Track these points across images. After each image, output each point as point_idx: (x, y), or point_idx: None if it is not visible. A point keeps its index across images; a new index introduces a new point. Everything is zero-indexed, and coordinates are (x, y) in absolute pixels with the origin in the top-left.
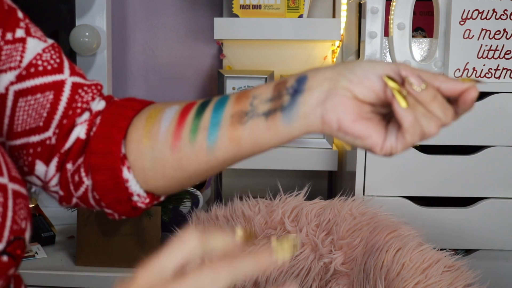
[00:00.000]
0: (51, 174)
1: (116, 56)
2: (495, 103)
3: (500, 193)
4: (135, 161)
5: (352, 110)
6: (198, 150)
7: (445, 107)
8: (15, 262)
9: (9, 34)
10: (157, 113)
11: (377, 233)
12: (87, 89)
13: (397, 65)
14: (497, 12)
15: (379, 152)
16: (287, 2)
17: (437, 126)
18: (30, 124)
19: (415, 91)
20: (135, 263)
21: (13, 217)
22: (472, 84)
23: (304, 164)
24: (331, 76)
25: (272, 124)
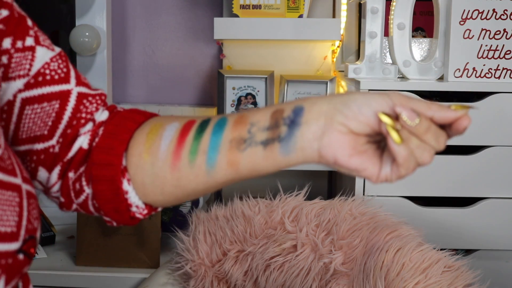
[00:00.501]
0: (53, 181)
1: (116, 56)
2: (495, 103)
3: (500, 193)
4: (135, 175)
5: (348, 146)
6: (197, 172)
7: (438, 135)
8: (29, 260)
9: (20, 42)
10: (158, 129)
11: (377, 233)
12: (91, 99)
13: (390, 97)
14: (497, 12)
15: (375, 181)
16: (287, 2)
17: (431, 155)
18: (35, 132)
19: (409, 126)
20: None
21: (28, 216)
22: (465, 112)
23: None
24: (327, 110)
25: (270, 154)
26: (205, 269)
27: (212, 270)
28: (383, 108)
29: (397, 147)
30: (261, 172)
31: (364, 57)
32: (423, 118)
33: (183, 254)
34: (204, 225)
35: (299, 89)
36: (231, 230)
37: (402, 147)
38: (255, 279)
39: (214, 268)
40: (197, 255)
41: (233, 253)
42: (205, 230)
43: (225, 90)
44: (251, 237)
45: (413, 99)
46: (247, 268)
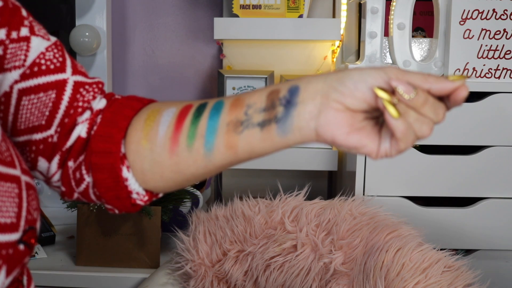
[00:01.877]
0: (53, 170)
1: (116, 56)
2: (495, 103)
3: (500, 193)
4: (134, 161)
5: (345, 123)
6: (196, 156)
7: (436, 107)
8: (30, 251)
9: (14, 32)
10: (155, 115)
11: (377, 233)
12: (88, 87)
13: (386, 71)
14: (497, 12)
15: (375, 158)
16: (287, 2)
17: (430, 127)
18: (33, 122)
19: (405, 99)
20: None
21: (27, 207)
22: (462, 82)
23: (304, 164)
24: (323, 88)
25: (267, 135)
26: (205, 269)
27: (212, 270)
28: (379, 83)
29: (395, 121)
30: (259, 154)
31: (364, 57)
32: (420, 91)
33: (183, 254)
34: (204, 225)
35: None
36: (231, 230)
37: (400, 121)
38: (255, 279)
39: (214, 268)
40: (197, 255)
41: (233, 253)
42: (205, 230)
43: (225, 90)
44: (251, 237)
45: (409, 72)
46: (247, 268)
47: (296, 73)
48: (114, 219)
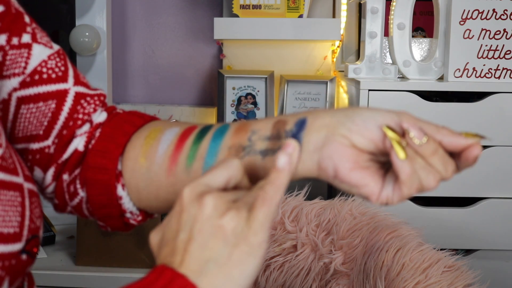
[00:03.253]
0: (48, 182)
1: (116, 56)
2: (495, 103)
3: (500, 193)
4: (130, 179)
5: (349, 158)
6: (193, 177)
7: (446, 161)
8: (32, 260)
9: (15, 38)
10: (157, 133)
11: (377, 233)
12: (89, 99)
13: (399, 115)
14: (497, 12)
15: (375, 201)
16: (287, 2)
17: (436, 180)
18: (31, 131)
19: (415, 144)
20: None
21: (30, 216)
22: (476, 140)
23: None
24: (330, 123)
25: (269, 165)
26: None
27: None
28: (389, 123)
29: (401, 162)
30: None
31: (364, 57)
32: (430, 140)
33: None
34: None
35: (299, 89)
36: None
37: (406, 163)
38: (255, 279)
39: None
40: None
41: None
42: None
43: (225, 90)
44: None
45: (423, 120)
46: None
47: (296, 73)
48: None
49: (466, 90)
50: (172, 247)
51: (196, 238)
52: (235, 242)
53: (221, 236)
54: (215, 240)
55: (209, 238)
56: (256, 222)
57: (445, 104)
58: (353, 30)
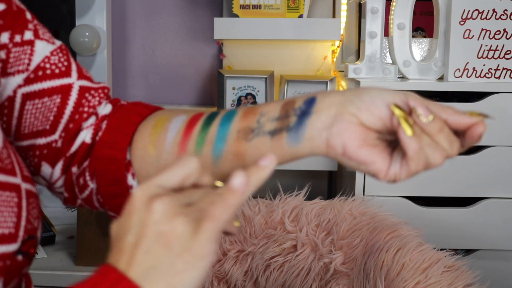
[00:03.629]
0: (56, 176)
1: (116, 56)
2: (495, 103)
3: (500, 193)
4: (139, 168)
5: (358, 136)
6: (203, 163)
7: (451, 139)
8: (29, 261)
9: (18, 36)
10: (164, 122)
11: (377, 233)
12: (94, 92)
13: (406, 94)
14: (497, 12)
15: (383, 178)
16: (287, 2)
17: (442, 157)
18: (37, 127)
19: (422, 122)
20: None
21: (27, 216)
22: (481, 119)
23: (304, 164)
24: (339, 101)
25: (277, 144)
26: None
27: (212, 270)
28: (397, 101)
29: (408, 139)
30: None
31: (364, 57)
32: (437, 118)
33: None
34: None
35: (299, 89)
36: None
37: (413, 140)
38: (255, 279)
39: (214, 268)
40: None
41: (233, 253)
42: None
43: (225, 90)
44: (251, 237)
45: (429, 101)
46: (247, 268)
47: (296, 73)
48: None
49: (466, 90)
50: (120, 246)
51: (142, 243)
52: (179, 252)
53: (165, 243)
54: (159, 247)
55: (154, 245)
56: (202, 235)
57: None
58: (353, 30)
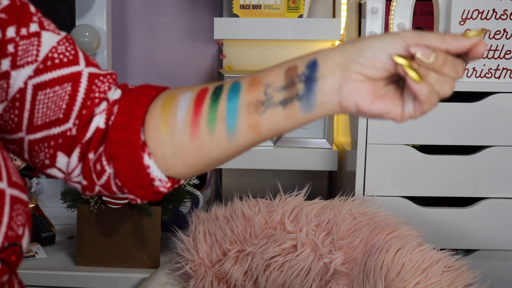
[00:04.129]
0: (74, 164)
1: (116, 56)
2: (495, 103)
3: (500, 193)
4: (155, 148)
5: (368, 92)
6: (218, 140)
7: (456, 65)
8: (9, 269)
9: (24, 29)
10: (172, 100)
11: (377, 233)
12: (103, 78)
13: (402, 37)
14: (497, 12)
15: (400, 121)
16: (287, 2)
17: (452, 85)
18: (50, 117)
19: (426, 63)
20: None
21: (9, 223)
22: (479, 38)
23: (304, 164)
24: (342, 61)
25: (291, 113)
26: (205, 269)
27: (212, 270)
28: (397, 50)
29: (417, 85)
30: (283, 131)
31: None
32: (438, 53)
33: (183, 254)
34: (204, 225)
35: None
36: (231, 230)
37: (422, 85)
38: (255, 279)
39: (214, 268)
40: (197, 255)
41: (233, 253)
42: (205, 230)
43: None
44: (251, 237)
45: (426, 34)
46: (247, 268)
47: None
48: (114, 219)
49: (466, 90)
50: None
51: None
52: None
53: None
54: None
55: None
56: None
57: (445, 104)
58: (353, 30)
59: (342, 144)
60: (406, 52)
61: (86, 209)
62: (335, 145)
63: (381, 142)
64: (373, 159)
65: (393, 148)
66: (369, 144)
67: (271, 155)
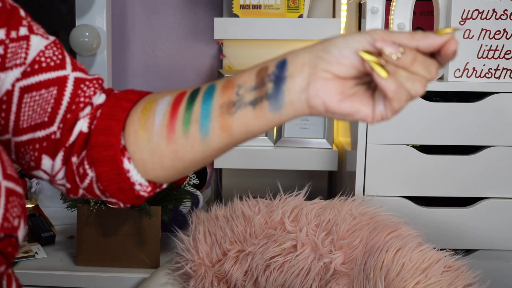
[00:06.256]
0: (57, 167)
1: (116, 56)
2: (495, 103)
3: (500, 193)
4: (134, 152)
5: (336, 91)
6: (193, 142)
7: (427, 64)
8: (6, 260)
9: (14, 32)
10: (151, 105)
11: (377, 233)
12: (89, 83)
13: (370, 34)
14: (497, 12)
15: (371, 122)
16: (287, 2)
17: (423, 85)
18: (35, 120)
19: (393, 60)
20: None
21: (4, 214)
22: (450, 35)
23: (304, 164)
24: (309, 59)
25: (260, 113)
26: (205, 269)
27: (212, 270)
28: (364, 46)
29: (384, 81)
30: (255, 132)
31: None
32: (407, 50)
33: (183, 254)
34: (204, 225)
35: None
36: (231, 230)
37: (389, 80)
38: (255, 279)
39: (214, 268)
40: (197, 255)
41: (233, 253)
42: (205, 230)
43: None
44: (251, 237)
45: (395, 32)
46: (247, 268)
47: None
48: (114, 219)
49: (466, 90)
50: None
51: None
52: None
53: None
54: None
55: None
56: None
57: (445, 104)
58: (353, 30)
59: (342, 144)
60: (373, 48)
61: (86, 209)
62: (335, 145)
63: (381, 142)
64: (373, 159)
65: (393, 148)
66: (369, 144)
67: (271, 155)
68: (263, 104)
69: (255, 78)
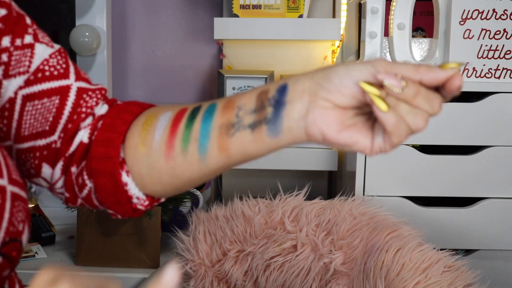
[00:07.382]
0: (57, 176)
1: (116, 56)
2: (495, 103)
3: (500, 193)
4: (132, 166)
5: (334, 121)
6: (191, 160)
7: (430, 98)
8: (10, 264)
9: (18, 40)
10: (152, 119)
11: (377, 233)
12: (91, 94)
13: (373, 65)
14: (497, 12)
15: (369, 154)
16: (287, 2)
17: (425, 119)
18: (36, 128)
19: (395, 93)
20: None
21: (10, 218)
22: (455, 70)
23: (304, 164)
24: (310, 87)
25: (258, 137)
26: (205, 269)
27: (212, 270)
28: (366, 77)
29: (384, 114)
30: (252, 156)
31: (364, 57)
32: (410, 83)
33: (183, 254)
34: (204, 225)
35: None
36: (231, 230)
37: (389, 114)
38: (255, 279)
39: (214, 268)
40: (197, 255)
41: (233, 253)
42: (205, 230)
43: (225, 90)
44: (251, 237)
45: (399, 64)
46: (247, 268)
47: (296, 73)
48: (114, 219)
49: (466, 90)
50: None
51: None
52: None
53: None
54: None
55: None
56: None
57: (445, 104)
58: (353, 30)
59: None
60: (375, 79)
61: (86, 209)
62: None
63: None
64: (373, 159)
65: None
66: None
67: (271, 155)
68: (261, 128)
69: (256, 100)
